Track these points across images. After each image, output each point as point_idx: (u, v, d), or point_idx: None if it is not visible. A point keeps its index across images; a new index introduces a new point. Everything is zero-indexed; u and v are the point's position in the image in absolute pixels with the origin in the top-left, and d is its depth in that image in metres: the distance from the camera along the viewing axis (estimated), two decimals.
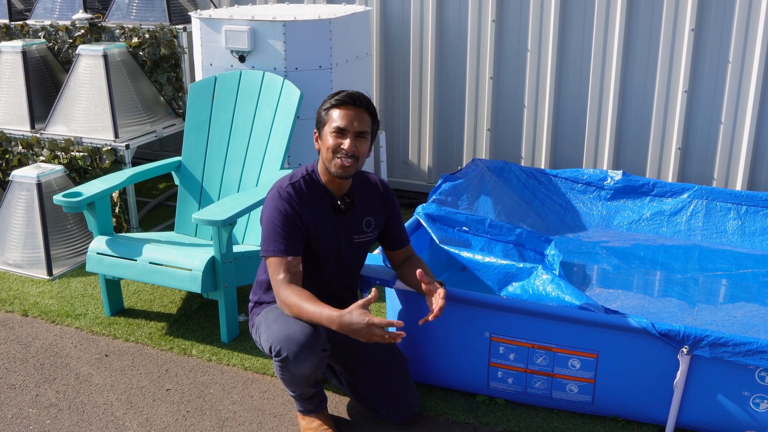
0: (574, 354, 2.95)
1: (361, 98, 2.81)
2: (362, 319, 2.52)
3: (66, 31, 5.31)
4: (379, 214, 3.03)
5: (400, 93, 5.28)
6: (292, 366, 2.70)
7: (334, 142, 2.79)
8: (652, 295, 3.86)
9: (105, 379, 3.37)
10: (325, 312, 2.61)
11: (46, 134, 4.82)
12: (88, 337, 3.72)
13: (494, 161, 4.74)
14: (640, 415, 2.99)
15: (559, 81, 4.86)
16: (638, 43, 4.62)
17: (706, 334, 2.74)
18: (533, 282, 3.12)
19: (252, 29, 4.20)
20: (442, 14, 5.01)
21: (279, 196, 2.82)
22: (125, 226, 4.76)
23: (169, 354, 3.57)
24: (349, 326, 2.55)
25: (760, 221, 4.34)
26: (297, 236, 2.81)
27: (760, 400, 2.79)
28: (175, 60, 5.17)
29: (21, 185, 4.45)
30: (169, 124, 5.09)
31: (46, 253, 4.36)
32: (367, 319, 2.51)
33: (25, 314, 3.94)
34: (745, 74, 4.46)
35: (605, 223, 4.59)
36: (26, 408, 3.17)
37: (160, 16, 5.17)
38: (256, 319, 2.97)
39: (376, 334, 2.51)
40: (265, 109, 4.09)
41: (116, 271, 3.66)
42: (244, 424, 3.06)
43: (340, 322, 2.56)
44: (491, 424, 3.04)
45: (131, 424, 3.06)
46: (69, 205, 3.62)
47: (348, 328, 2.55)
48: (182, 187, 4.23)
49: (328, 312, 2.60)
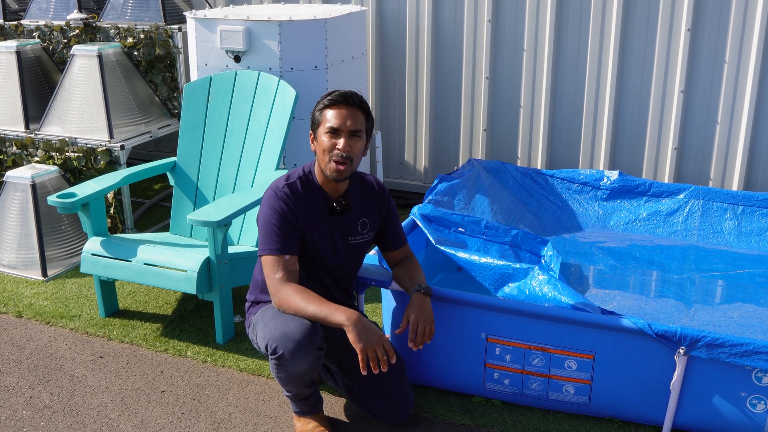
0: (571, 355, 2.94)
1: (353, 97, 2.81)
2: (379, 329, 2.65)
3: (60, 31, 5.29)
4: (374, 216, 3.02)
5: (396, 93, 5.27)
6: (288, 364, 2.69)
7: (328, 142, 2.78)
8: (648, 296, 3.85)
9: (99, 381, 3.35)
10: (340, 307, 2.66)
11: (41, 135, 4.80)
12: (83, 339, 3.70)
13: (490, 161, 4.73)
14: (637, 416, 2.99)
15: (556, 81, 4.85)
16: (634, 43, 4.62)
17: (702, 335, 2.73)
18: (529, 283, 3.12)
19: (247, 29, 4.18)
20: (438, 14, 5.00)
21: (275, 196, 2.82)
22: (120, 226, 4.74)
23: (164, 355, 3.55)
24: (366, 326, 2.62)
25: (756, 221, 4.34)
26: (293, 235, 2.80)
27: (757, 401, 2.78)
28: (170, 60, 5.15)
29: (15, 186, 4.43)
30: (164, 125, 5.07)
31: (41, 254, 4.35)
32: (383, 333, 2.65)
33: (20, 315, 3.92)
34: (742, 74, 4.46)
35: (602, 223, 4.58)
36: (20, 410, 3.16)
37: (155, 16, 5.16)
38: (253, 318, 2.97)
39: (380, 348, 2.60)
40: (260, 109, 4.07)
41: (111, 272, 3.64)
42: (239, 425, 3.04)
43: (358, 318, 2.61)
44: (487, 426, 3.03)
45: (126, 426, 3.05)
46: (63, 206, 3.60)
47: (363, 328, 2.60)
48: (177, 187, 4.22)
49: (344, 308, 2.66)
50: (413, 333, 2.82)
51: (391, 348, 2.62)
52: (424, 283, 2.95)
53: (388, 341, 2.63)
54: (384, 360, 2.60)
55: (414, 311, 2.85)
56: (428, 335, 2.83)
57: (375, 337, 2.60)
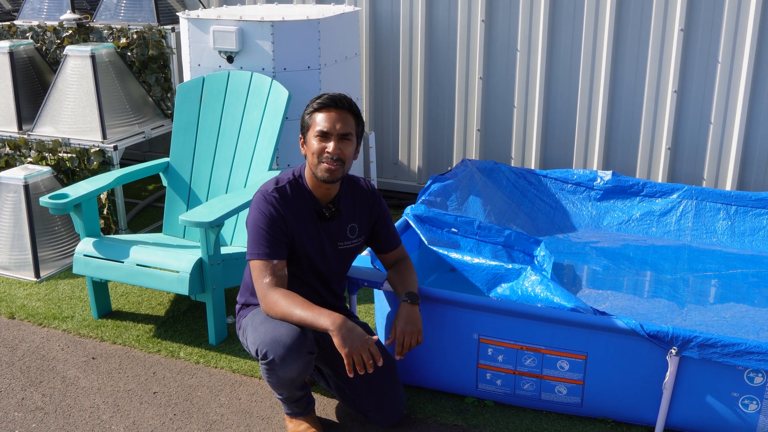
0: (563, 355, 2.94)
1: (342, 100, 2.80)
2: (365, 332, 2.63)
3: (54, 31, 5.28)
4: (364, 221, 3.02)
5: (390, 93, 5.27)
6: (279, 369, 2.69)
7: (318, 146, 2.77)
8: (641, 296, 3.85)
9: (92, 382, 3.35)
10: (324, 311, 2.64)
11: (34, 135, 4.79)
12: (75, 340, 3.69)
13: (484, 162, 4.73)
14: (629, 417, 2.99)
15: (549, 81, 4.85)
16: (628, 43, 4.62)
17: (695, 335, 2.73)
18: (522, 283, 3.11)
19: (240, 30, 4.18)
20: (432, 14, 5.00)
21: (264, 200, 2.82)
22: (113, 227, 4.73)
23: (156, 356, 3.55)
24: (350, 330, 2.60)
25: (749, 221, 4.35)
26: (282, 240, 2.80)
27: (749, 401, 2.78)
28: (164, 60, 5.14)
29: (8, 187, 4.42)
30: (158, 125, 5.06)
31: (34, 255, 4.33)
32: (368, 336, 2.63)
33: (12, 317, 3.91)
34: (735, 74, 4.46)
35: (595, 223, 4.58)
36: (12, 411, 3.15)
37: (149, 17, 5.15)
38: (243, 321, 2.96)
39: (365, 352, 2.58)
40: (253, 109, 4.07)
41: (103, 273, 3.63)
42: (231, 426, 3.04)
43: (342, 322, 2.60)
44: (480, 426, 3.02)
45: (118, 427, 3.04)
46: (55, 206, 3.59)
47: (347, 332, 2.59)
48: (170, 188, 4.21)
49: (329, 312, 2.64)
50: (399, 346, 2.84)
51: (377, 351, 2.62)
52: (414, 290, 2.95)
53: (373, 344, 2.62)
54: (370, 363, 2.59)
55: (400, 323, 2.86)
56: (415, 344, 2.86)
57: (360, 340, 2.59)
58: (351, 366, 2.59)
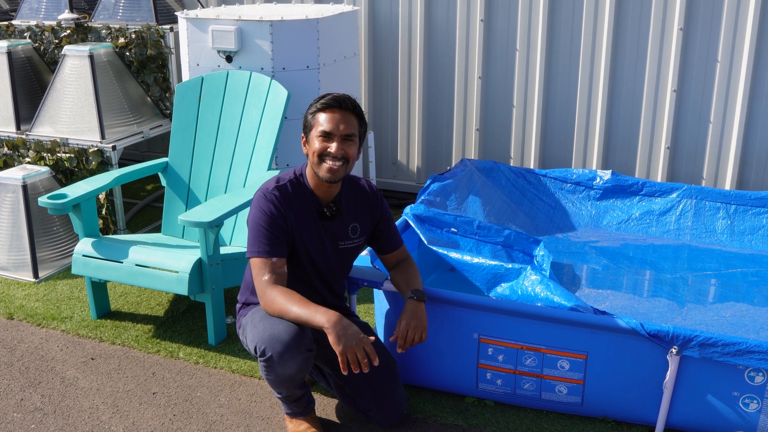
0: (563, 355, 2.94)
1: (346, 101, 2.79)
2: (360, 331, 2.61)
3: (52, 31, 5.27)
4: (365, 221, 3.01)
5: (389, 93, 5.26)
6: (277, 366, 2.68)
7: (320, 146, 2.77)
8: (641, 296, 3.85)
9: (91, 383, 3.34)
10: (320, 309, 2.63)
11: (32, 135, 4.78)
12: (74, 340, 3.68)
13: (483, 161, 4.72)
14: (630, 416, 2.98)
15: (548, 80, 4.85)
16: (627, 43, 4.62)
17: (695, 334, 2.73)
18: (522, 283, 3.11)
19: (239, 29, 4.17)
20: (431, 14, 5.00)
21: (264, 198, 2.82)
22: (112, 227, 4.72)
23: (155, 357, 3.54)
24: (345, 328, 2.58)
25: (749, 220, 4.34)
26: (282, 238, 2.80)
27: (750, 400, 2.78)
28: (162, 60, 5.13)
29: (6, 187, 4.41)
30: (156, 125, 5.06)
31: (32, 255, 4.33)
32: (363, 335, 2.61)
33: (11, 317, 3.90)
34: (734, 73, 4.46)
35: (594, 223, 4.58)
36: (11, 412, 3.14)
37: (147, 16, 5.14)
38: (243, 319, 2.96)
39: (360, 350, 2.56)
40: (252, 109, 4.06)
41: (102, 274, 3.62)
42: (231, 427, 3.03)
43: (337, 320, 2.58)
44: (480, 426, 3.02)
45: (117, 428, 3.03)
46: (54, 207, 3.58)
47: (342, 330, 2.57)
48: (169, 188, 4.20)
49: (325, 309, 2.63)
50: (402, 339, 2.82)
51: (372, 350, 2.59)
52: (420, 288, 2.94)
53: (368, 343, 2.60)
54: (365, 362, 2.58)
55: (406, 318, 2.85)
56: (418, 341, 2.84)
57: (355, 339, 2.58)
58: (345, 364, 2.57)
